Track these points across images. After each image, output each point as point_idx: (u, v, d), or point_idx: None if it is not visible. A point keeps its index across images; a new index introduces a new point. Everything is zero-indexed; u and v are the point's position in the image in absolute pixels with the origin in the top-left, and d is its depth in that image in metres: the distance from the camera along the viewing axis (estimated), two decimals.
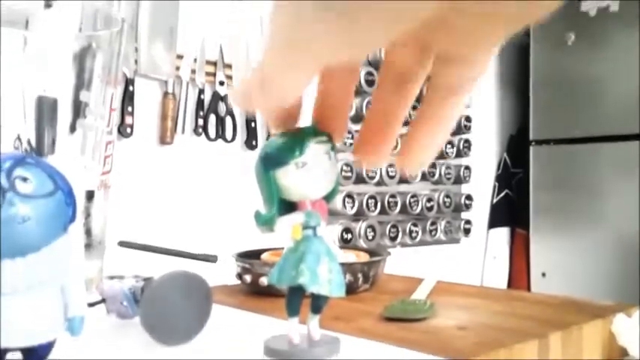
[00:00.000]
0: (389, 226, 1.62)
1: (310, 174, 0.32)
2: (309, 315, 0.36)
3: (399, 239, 1.65)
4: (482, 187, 1.97)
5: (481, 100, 1.99)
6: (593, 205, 1.79)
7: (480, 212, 1.95)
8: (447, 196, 1.77)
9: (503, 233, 2.02)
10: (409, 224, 1.68)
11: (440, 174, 1.76)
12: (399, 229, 1.65)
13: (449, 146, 1.78)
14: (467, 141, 1.84)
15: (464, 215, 1.87)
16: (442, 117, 0.27)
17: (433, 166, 1.72)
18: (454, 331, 0.46)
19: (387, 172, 1.59)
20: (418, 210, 1.68)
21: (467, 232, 1.85)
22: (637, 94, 1.71)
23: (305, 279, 0.32)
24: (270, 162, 0.33)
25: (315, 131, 0.32)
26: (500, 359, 0.42)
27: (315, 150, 0.32)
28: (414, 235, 1.68)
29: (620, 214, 1.73)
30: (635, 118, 1.70)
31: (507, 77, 2.13)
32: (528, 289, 1.87)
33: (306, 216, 0.34)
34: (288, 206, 0.34)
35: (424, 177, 1.72)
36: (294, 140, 0.32)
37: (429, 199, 1.72)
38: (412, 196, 1.67)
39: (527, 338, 0.46)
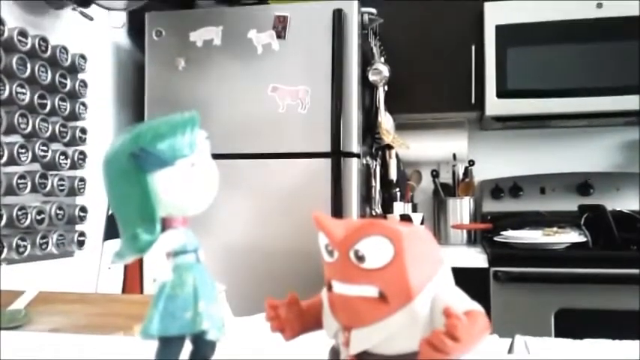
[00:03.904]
0: None
1: (200, 179, 0.24)
2: None
3: (4, 254, 1.54)
4: (97, 200, 1.99)
5: (98, 114, 2.02)
6: (205, 216, 2.01)
7: (95, 224, 1.97)
8: (60, 208, 1.74)
9: (118, 244, 2.08)
10: (16, 238, 1.59)
11: (52, 185, 1.72)
12: (4, 243, 1.54)
13: (62, 157, 1.75)
14: (82, 153, 1.84)
15: (78, 227, 1.86)
16: None
17: (44, 177, 1.67)
18: (45, 334, 0.51)
19: None
20: (27, 223, 1.61)
21: (81, 244, 1.84)
22: (239, 118, 2.01)
23: (209, 323, 0.22)
24: (149, 161, 0.23)
25: (197, 121, 0.23)
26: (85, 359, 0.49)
27: (203, 147, 0.24)
28: (21, 249, 1.59)
29: (227, 225, 2.00)
30: (235, 139, 1.99)
31: (124, 94, 2.23)
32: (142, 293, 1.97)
33: (187, 237, 0.24)
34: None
35: (34, 189, 1.65)
36: (176, 131, 0.22)
37: (40, 212, 1.66)
38: (20, 209, 1.59)
39: (114, 331, 0.54)
